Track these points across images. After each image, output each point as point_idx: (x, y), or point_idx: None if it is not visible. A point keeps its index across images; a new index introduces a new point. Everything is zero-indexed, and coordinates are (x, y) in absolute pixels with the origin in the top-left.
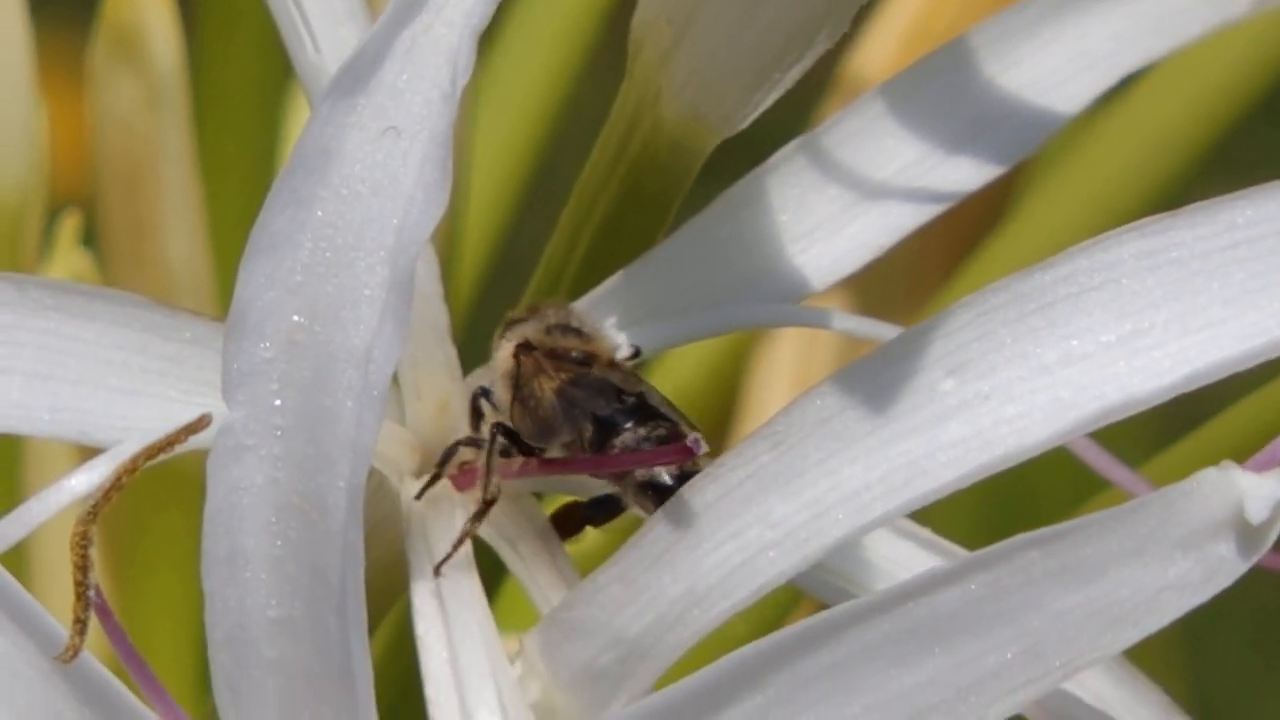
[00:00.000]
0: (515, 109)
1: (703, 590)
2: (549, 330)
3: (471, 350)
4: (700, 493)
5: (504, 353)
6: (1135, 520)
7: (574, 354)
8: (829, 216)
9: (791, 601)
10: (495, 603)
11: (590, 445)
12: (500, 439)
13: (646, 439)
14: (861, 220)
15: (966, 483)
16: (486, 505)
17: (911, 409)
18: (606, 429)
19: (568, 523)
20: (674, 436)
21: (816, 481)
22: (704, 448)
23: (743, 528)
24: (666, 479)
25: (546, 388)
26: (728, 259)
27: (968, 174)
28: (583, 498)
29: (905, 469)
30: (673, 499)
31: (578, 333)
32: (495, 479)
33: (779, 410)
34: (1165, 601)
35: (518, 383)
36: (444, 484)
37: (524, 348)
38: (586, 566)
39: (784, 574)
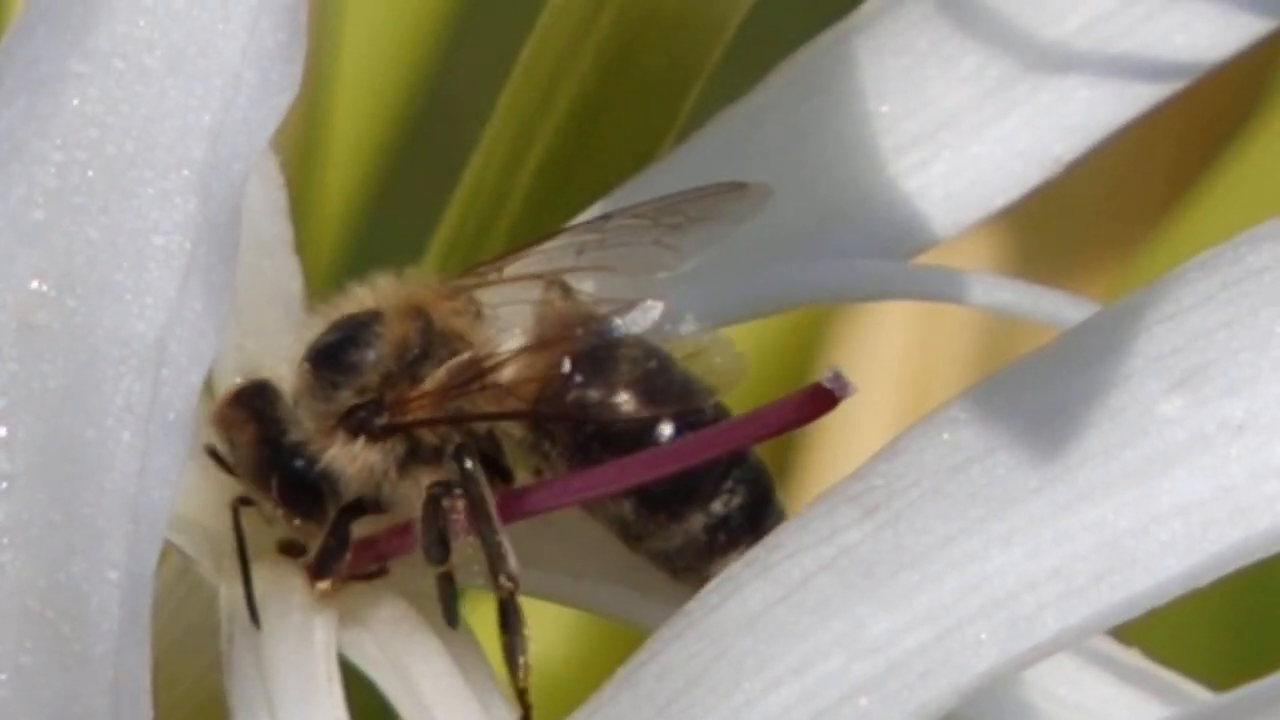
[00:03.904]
0: None
1: None
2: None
3: None
4: (740, 593)
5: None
6: None
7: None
8: (965, 107)
9: None
10: None
11: (571, 452)
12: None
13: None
14: (1020, 113)
15: (1204, 578)
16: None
17: (1109, 449)
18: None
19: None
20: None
21: (942, 575)
22: (849, 387)
23: (814, 655)
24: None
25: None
26: (789, 180)
27: (1205, 34)
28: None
29: (1097, 554)
30: (695, 602)
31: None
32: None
33: (880, 450)
34: None
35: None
36: (288, 570)
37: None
38: (540, 708)
39: None
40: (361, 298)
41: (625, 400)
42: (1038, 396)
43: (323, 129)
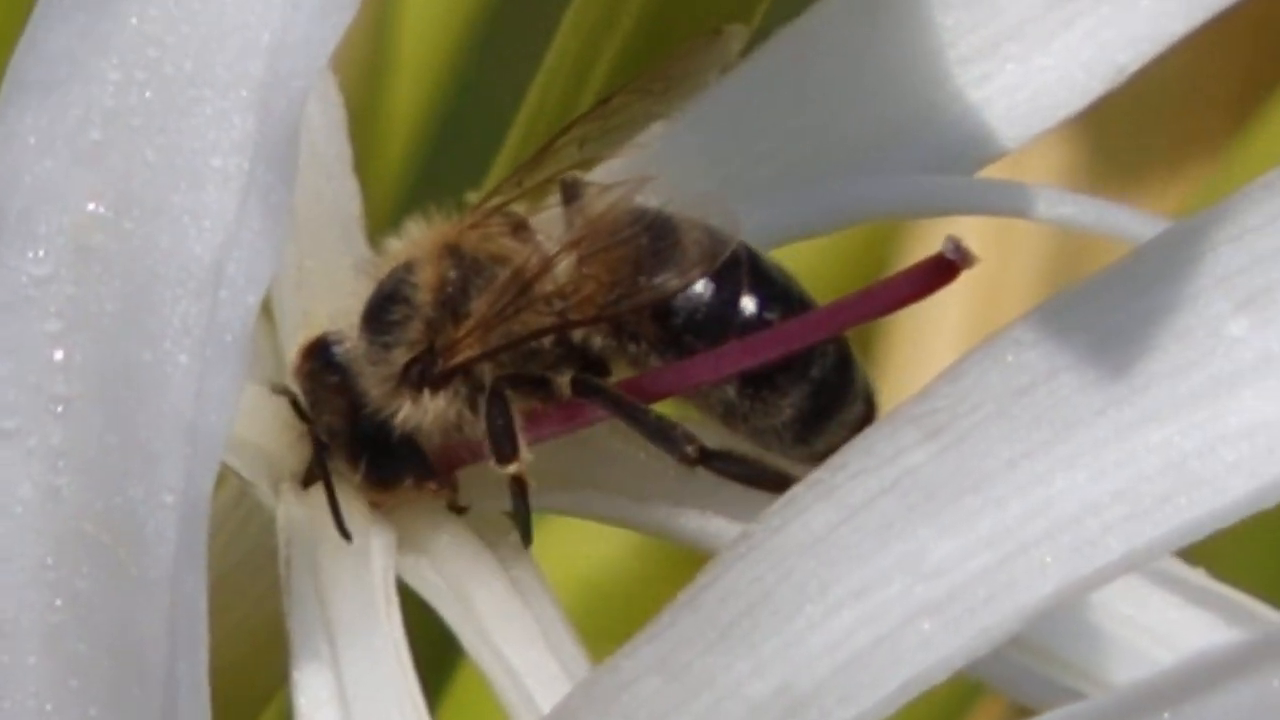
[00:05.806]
0: None
1: (807, 690)
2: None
3: None
4: (802, 515)
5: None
6: None
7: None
8: (1029, 18)
9: (965, 701)
10: (439, 709)
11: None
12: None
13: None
14: (1084, 24)
15: (1271, 499)
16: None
17: (1175, 370)
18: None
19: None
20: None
21: (1006, 499)
22: (970, 256)
23: (876, 579)
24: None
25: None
26: (852, 95)
27: None
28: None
29: (1163, 475)
30: (757, 524)
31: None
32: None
33: (942, 372)
34: None
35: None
36: (346, 495)
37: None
38: (602, 631)
39: (949, 660)
40: (396, 252)
41: (697, 270)
42: (1102, 317)
43: (389, 48)
